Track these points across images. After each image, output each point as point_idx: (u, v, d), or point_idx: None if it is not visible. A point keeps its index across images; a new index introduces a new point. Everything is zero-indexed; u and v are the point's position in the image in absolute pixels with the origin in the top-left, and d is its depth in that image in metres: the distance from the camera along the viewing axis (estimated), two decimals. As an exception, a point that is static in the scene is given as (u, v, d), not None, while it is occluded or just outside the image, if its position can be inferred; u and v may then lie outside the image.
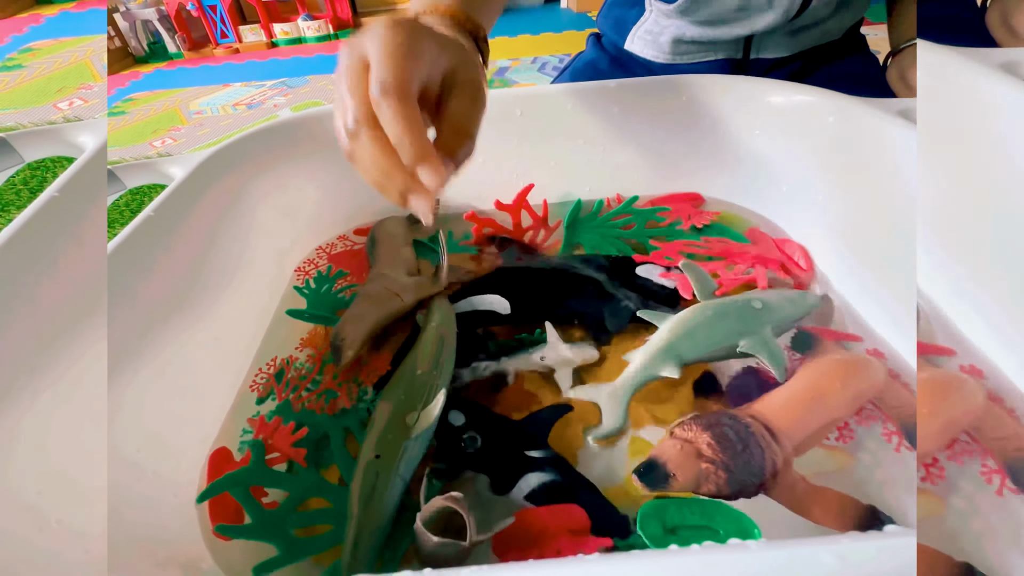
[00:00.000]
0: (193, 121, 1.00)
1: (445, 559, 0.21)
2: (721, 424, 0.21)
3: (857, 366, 0.24)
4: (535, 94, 0.39)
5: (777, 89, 0.36)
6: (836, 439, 0.25)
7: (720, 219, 0.41)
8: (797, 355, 0.29)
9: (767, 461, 0.21)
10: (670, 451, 0.21)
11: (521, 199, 0.40)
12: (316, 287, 0.36)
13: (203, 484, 0.25)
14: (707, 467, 0.20)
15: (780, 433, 0.22)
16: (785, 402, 0.23)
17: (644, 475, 0.21)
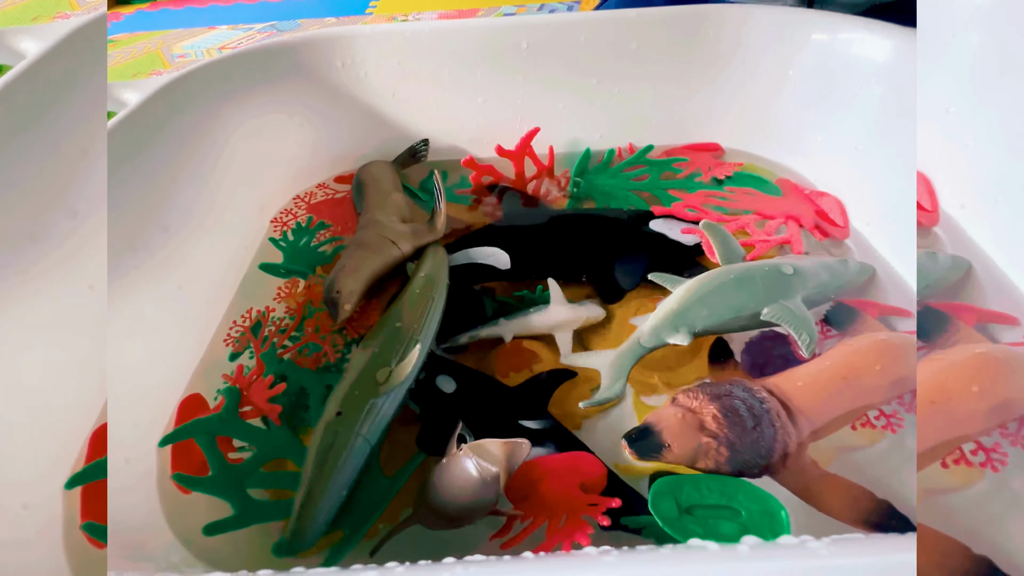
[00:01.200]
0: (176, 64, 0.93)
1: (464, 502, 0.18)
2: (732, 396, 0.19)
3: (903, 349, 0.21)
4: (544, 23, 0.35)
5: (824, 22, 0.32)
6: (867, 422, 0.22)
7: (745, 169, 0.37)
8: (833, 331, 0.26)
9: (778, 442, 0.18)
10: (669, 419, 0.19)
11: (525, 145, 0.36)
12: (294, 240, 0.33)
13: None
14: (708, 441, 0.18)
15: (799, 413, 0.19)
16: (811, 379, 0.20)
17: (635, 441, 0.19)
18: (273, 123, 0.34)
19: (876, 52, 0.30)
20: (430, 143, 0.38)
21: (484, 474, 0.18)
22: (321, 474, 0.19)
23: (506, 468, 0.18)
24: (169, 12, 1.27)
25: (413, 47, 0.35)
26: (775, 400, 0.19)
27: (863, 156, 0.32)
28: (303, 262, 0.31)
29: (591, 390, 0.25)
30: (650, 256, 0.31)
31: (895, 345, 0.21)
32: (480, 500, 0.18)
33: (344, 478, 0.20)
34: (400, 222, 0.32)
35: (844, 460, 0.22)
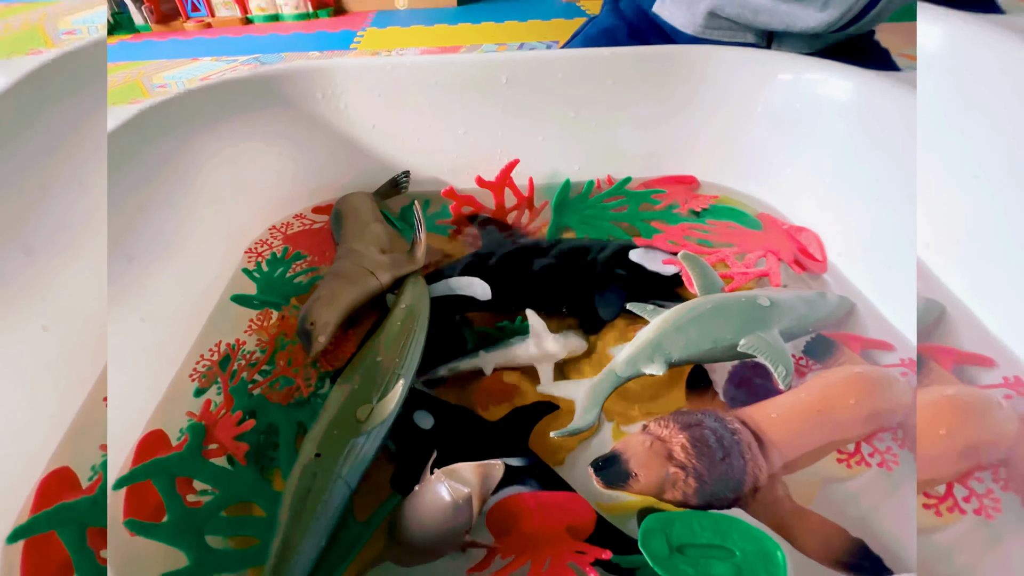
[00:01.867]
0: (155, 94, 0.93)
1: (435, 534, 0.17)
2: (703, 426, 0.18)
3: (879, 383, 0.21)
4: (523, 59, 0.35)
5: (788, 63, 0.34)
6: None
7: (721, 201, 0.38)
8: (813, 363, 0.26)
9: (748, 475, 0.18)
10: (637, 447, 0.18)
11: (505, 176, 0.36)
12: (269, 271, 0.32)
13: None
14: (676, 472, 0.17)
15: (771, 445, 0.19)
16: (786, 412, 0.20)
17: (601, 469, 0.18)
18: (250, 152, 0.34)
19: (838, 92, 0.32)
20: (411, 174, 0.38)
21: (456, 496, 0.17)
22: (299, 521, 0.18)
23: (480, 491, 0.17)
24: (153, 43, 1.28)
25: (394, 80, 0.35)
26: (747, 431, 0.19)
27: (832, 191, 0.33)
28: (277, 293, 0.31)
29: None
30: (630, 287, 0.31)
31: (870, 379, 0.21)
32: (454, 527, 0.17)
33: (324, 524, 0.18)
34: (379, 252, 0.31)
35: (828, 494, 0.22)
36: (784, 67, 0.34)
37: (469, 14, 1.49)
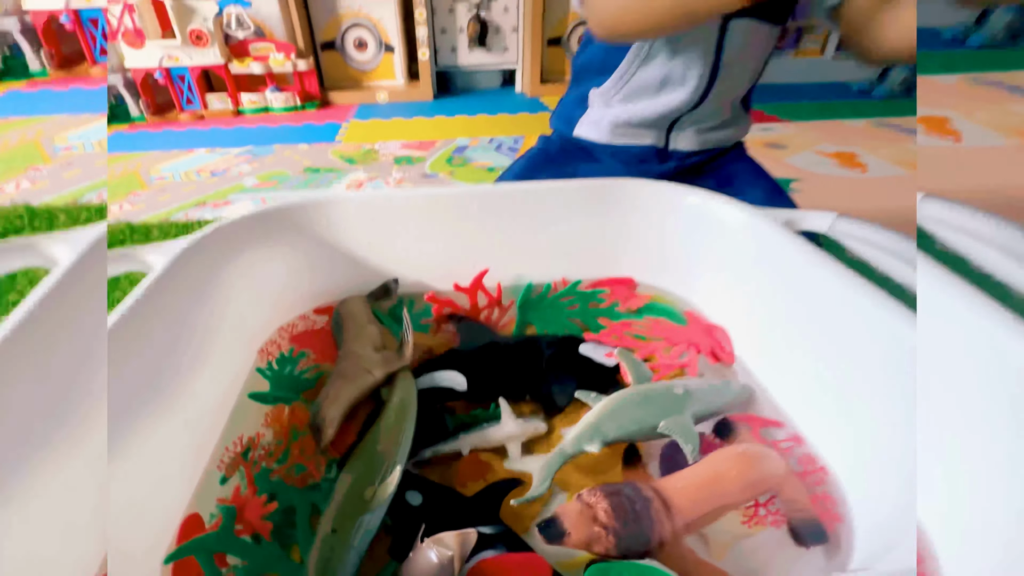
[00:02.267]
0: (154, 186, 1.00)
1: None
2: (622, 495, 0.25)
3: (754, 458, 0.29)
4: (491, 191, 0.45)
5: (693, 193, 0.44)
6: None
7: (654, 300, 0.47)
8: (718, 441, 0.34)
9: (655, 533, 0.24)
10: (571, 512, 0.24)
11: (477, 282, 0.45)
12: (279, 369, 0.38)
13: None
14: (599, 530, 0.23)
15: (675, 509, 0.25)
16: (686, 482, 0.27)
17: (544, 529, 0.24)
18: (265, 267, 0.41)
19: (729, 216, 0.42)
20: (399, 281, 0.46)
21: (442, 558, 0.23)
22: None
23: (459, 553, 0.23)
24: (148, 134, 1.37)
25: (387, 208, 0.43)
26: (658, 499, 0.25)
27: (738, 295, 0.42)
28: (288, 389, 0.37)
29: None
30: (580, 376, 0.38)
31: (749, 455, 0.29)
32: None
33: None
34: (374, 351, 0.38)
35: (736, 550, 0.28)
36: (691, 195, 0.44)
37: (444, 107, 1.65)
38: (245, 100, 1.55)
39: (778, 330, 0.38)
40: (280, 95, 1.56)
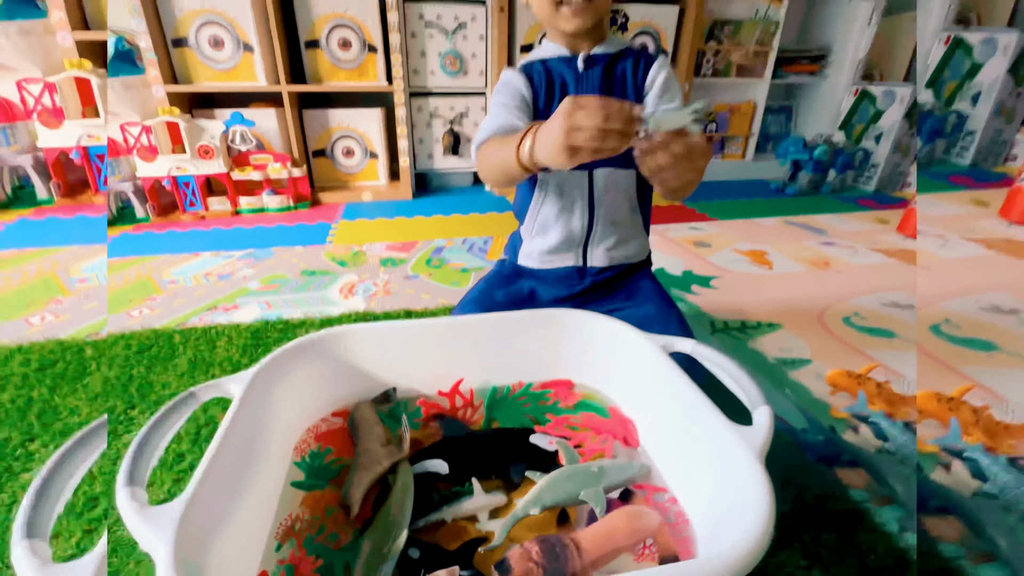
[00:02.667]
0: (167, 291, 1.14)
1: None
2: (548, 541, 0.40)
3: (639, 515, 0.44)
4: (463, 321, 0.62)
5: (606, 320, 0.62)
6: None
7: (585, 398, 0.64)
8: (621, 504, 0.49)
9: (569, 568, 0.39)
10: (515, 555, 0.39)
11: (455, 388, 0.61)
12: (311, 462, 0.53)
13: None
14: (532, 566, 0.38)
15: (584, 551, 0.40)
16: (593, 532, 0.42)
17: (498, 567, 0.39)
18: (299, 382, 0.56)
19: (631, 338, 0.59)
20: (396, 389, 0.61)
21: None
22: None
23: None
24: (152, 235, 1.52)
25: (387, 336, 0.60)
26: (573, 544, 0.40)
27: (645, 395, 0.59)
28: (319, 477, 0.51)
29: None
30: (531, 459, 0.54)
31: (636, 513, 0.44)
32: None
33: None
34: (380, 447, 0.53)
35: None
36: (603, 320, 0.62)
37: (422, 206, 1.87)
38: (243, 202, 1.73)
39: (663, 423, 0.55)
40: (275, 197, 1.75)
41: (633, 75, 0.68)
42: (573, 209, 0.70)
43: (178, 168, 1.61)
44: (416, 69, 1.91)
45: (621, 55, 0.69)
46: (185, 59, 1.69)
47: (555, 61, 0.68)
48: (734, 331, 0.98)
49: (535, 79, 0.68)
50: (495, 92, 0.71)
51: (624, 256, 0.75)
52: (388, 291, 1.14)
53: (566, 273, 0.75)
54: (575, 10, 0.61)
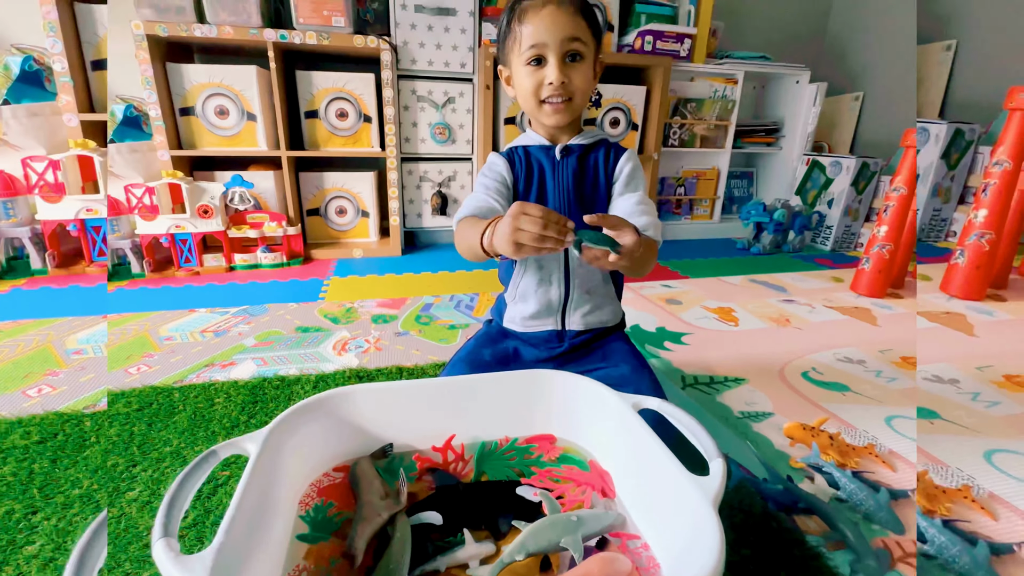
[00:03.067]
0: (164, 347, 1.18)
1: None
2: None
3: (611, 560, 0.49)
4: (454, 382, 0.68)
5: (586, 382, 0.69)
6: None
7: (566, 451, 0.70)
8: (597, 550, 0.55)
9: None
10: None
11: (447, 444, 0.66)
12: (315, 515, 0.57)
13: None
14: None
15: None
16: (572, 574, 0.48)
17: None
18: (304, 439, 0.61)
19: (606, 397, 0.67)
20: (393, 445, 0.67)
21: None
22: None
23: None
24: (148, 290, 1.56)
25: (384, 395, 0.66)
26: (555, 585, 0.46)
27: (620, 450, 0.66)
28: (322, 530, 0.55)
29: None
30: (517, 510, 0.59)
31: (609, 558, 0.50)
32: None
33: None
34: (380, 499, 0.58)
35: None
36: (582, 381, 0.69)
37: (410, 263, 1.96)
38: (238, 258, 1.80)
39: (635, 475, 0.61)
40: (270, 254, 1.82)
41: (604, 164, 0.79)
42: (551, 280, 0.79)
43: (177, 226, 1.68)
44: (408, 137, 2.06)
45: (595, 146, 0.80)
46: (191, 126, 1.80)
47: (536, 148, 0.79)
48: (703, 385, 1.06)
49: (516, 164, 0.78)
50: (480, 172, 0.81)
51: (599, 321, 0.84)
52: (379, 348, 1.20)
53: (546, 336, 0.83)
54: (555, 108, 0.72)
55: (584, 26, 0.69)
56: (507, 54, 0.73)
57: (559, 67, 0.68)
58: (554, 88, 0.69)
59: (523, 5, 0.69)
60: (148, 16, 1.63)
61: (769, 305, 1.56)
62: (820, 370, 1.15)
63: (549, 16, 0.67)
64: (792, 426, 0.88)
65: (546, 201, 0.78)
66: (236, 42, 1.74)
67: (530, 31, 0.68)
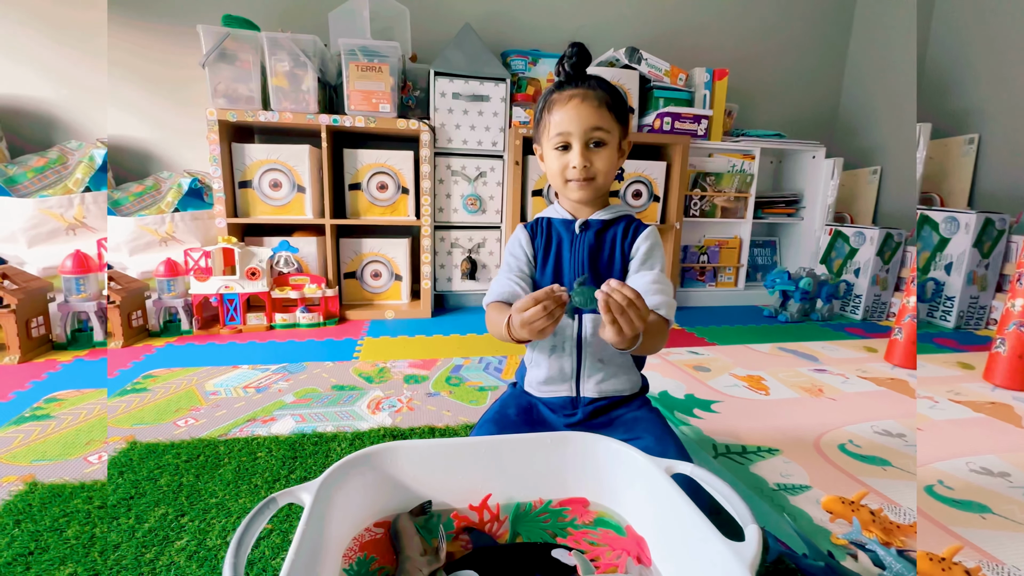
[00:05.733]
0: (210, 402, 1.23)
1: None
2: None
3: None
4: (490, 441, 0.71)
5: (613, 443, 0.71)
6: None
7: (601, 515, 0.70)
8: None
9: None
10: None
11: (484, 504, 0.68)
12: (358, 569, 0.59)
13: None
14: None
15: None
16: None
17: None
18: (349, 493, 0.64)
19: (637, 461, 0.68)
20: (432, 502, 0.69)
21: None
22: None
23: None
24: (194, 347, 1.66)
25: (423, 452, 0.69)
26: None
27: (649, 515, 0.66)
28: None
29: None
30: (551, 572, 0.60)
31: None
32: None
33: None
34: (420, 556, 0.59)
35: None
36: (612, 444, 0.71)
37: (440, 325, 2.02)
38: (278, 318, 1.89)
39: (670, 540, 0.61)
40: (308, 314, 1.91)
41: (622, 240, 0.82)
42: (563, 347, 0.81)
43: (226, 287, 1.80)
44: (441, 207, 2.21)
45: (615, 221, 0.83)
46: (247, 197, 1.98)
47: (558, 221, 0.85)
48: (735, 455, 1.05)
49: (538, 235, 0.85)
50: (508, 244, 0.87)
51: (615, 389, 0.82)
52: (411, 407, 1.23)
53: (561, 402, 0.84)
54: (579, 186, 0.79)
55: (608, 116, 0.76)
56: (539, 137, 0.83)
57: (582, 153, 0.76)
58: (577, 172, 0.77)
59: (552, 97, 0.78)
60: (221, 105, 1.86)
61: (800, 374, 1.55)
62: (858, 443, 1.12)
63: (574, 109, 0.75)
64: (831, 500, 0.86)
65: (561, 272, 0.83)
66: (294, 125, 1.95)
67: (557, 120, 0.76)
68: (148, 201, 1.98)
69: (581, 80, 0.77)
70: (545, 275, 0.84)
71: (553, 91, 0.79)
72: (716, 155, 2.43)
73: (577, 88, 0.76)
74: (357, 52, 1.93)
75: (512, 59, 2.27)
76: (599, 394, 0.83)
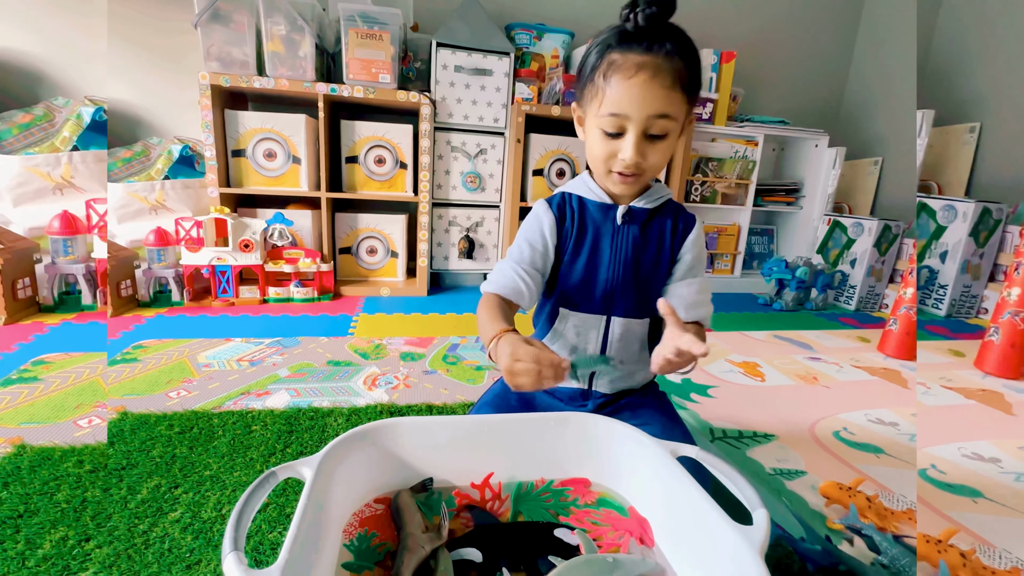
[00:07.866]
0: (202, 374, 1.21)
1: None
2: None
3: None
4: (493, 420, 0.70)
5: (618, 425, 0.70)
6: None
7: (603, 496, 0.70)
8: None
9: None
10: None
11: (485, 482, 0.67)
12: (359, 544, 0.58)
13: None
14: None
15: None
16: None
17: None
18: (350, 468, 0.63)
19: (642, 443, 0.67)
20: (433, 480, 0.68)
21: None
22: None
23: None
24: (185, 318, 1.62)
25: (425, 429, 0.68)
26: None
27: (653, 497, 0.66)
28: (366, 559, 0.56)
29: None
30: (554, 550, 0.59)
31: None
32: None
33: None
34: (421, 532, 0.58)
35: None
36: (618, 426, 0.70)
37: (436, 303, 2.00)
38: (271, 292, 1.86)
39: (675, 523, 0.61)
40: (302, 289, 1.88)
41: (671, 236, 0.71)
42: (586, 351, 0.75)
43: (218, 259, 1.76)
44: (440, 184, 2.16)
45: (660, 210, 0.71)
46: (240, 167, 1.93)
47: (593, 204, 0.71)
48: (732, 439, 1.05)
49: (567, 221, 0.70)
50: (525, 221, 0.73)
51: (627, 385, 0.80)
52: (408, 384, 1.22)
53: (571, 394, 0.80)
54: (624, 180, 0.65)
55: (679, 98, 0.59)
56: (584, 99, 0.65)
57: (636, 146, 0.61)
58: (625, 165, 0.63)
59: (614, 57, 0.59)
60: (214, 68, 1.79)
61: (795, 362, 1.56)
62: (852, 430, 1.13)
63: (638, 88, 0.57)
64: (828, 485, 0.87)
65: (597, 270, 0.72)
66: (290, 93, 1.89)
67: (614, 97, 0.59)
68: (137, 168, 1.91)
69: (655, 38, 0.57)
70: (575, 270, 0.72)
71: (615, 46, 0.59)
72: (720, 140, 2.40)
73: (649, 53, 0.57)
74: (357, 18, 1.85)
75: (517, 32, 2.21)
76: (612, 390, 0.80)
